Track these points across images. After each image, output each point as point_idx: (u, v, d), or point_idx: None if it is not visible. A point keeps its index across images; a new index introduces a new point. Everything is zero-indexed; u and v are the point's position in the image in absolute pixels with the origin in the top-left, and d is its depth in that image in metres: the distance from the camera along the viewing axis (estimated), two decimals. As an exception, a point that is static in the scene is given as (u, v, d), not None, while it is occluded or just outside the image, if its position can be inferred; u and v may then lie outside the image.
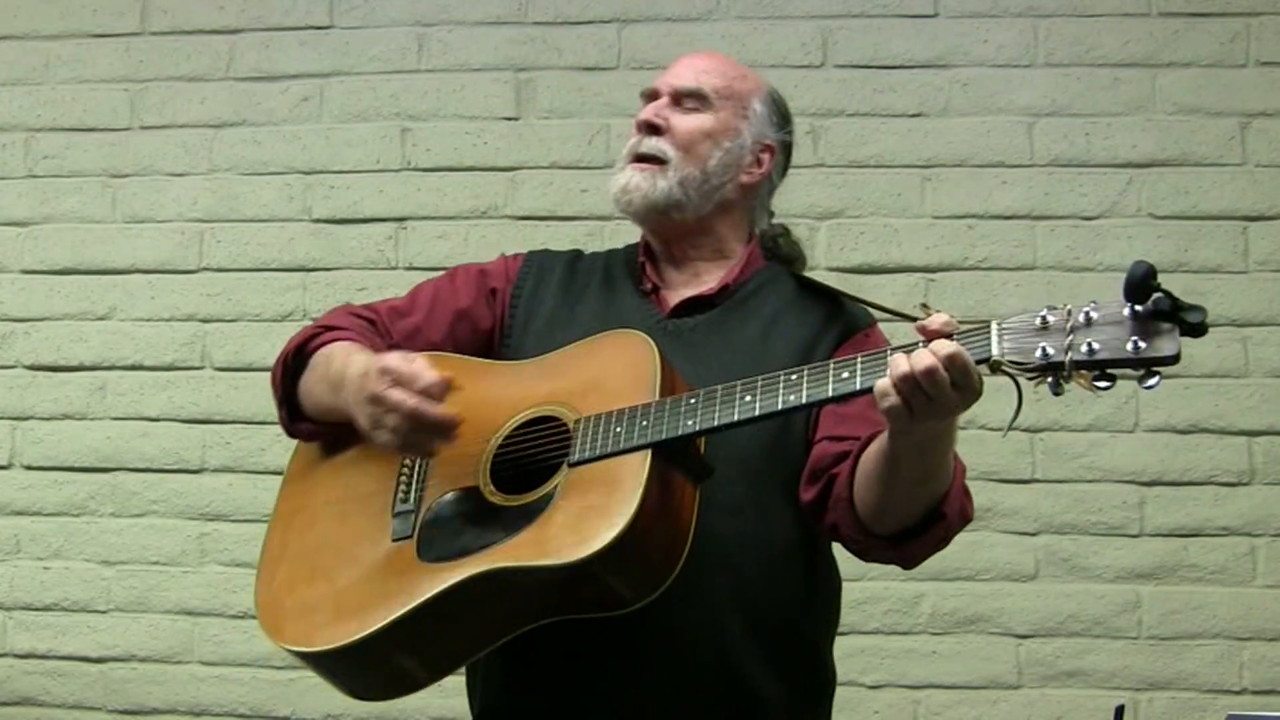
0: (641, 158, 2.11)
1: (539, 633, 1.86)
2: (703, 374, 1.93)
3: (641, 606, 1.81)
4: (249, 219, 3.65)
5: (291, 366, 2.11)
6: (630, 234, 2.25)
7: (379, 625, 1.85)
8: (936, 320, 1.69)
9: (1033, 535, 3.37)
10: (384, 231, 3.61)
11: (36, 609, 3.62)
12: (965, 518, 1.90)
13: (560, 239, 3.46)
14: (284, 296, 3.62)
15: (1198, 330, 1.58)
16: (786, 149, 2.21)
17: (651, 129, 2.12)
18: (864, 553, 1.95)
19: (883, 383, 1.68)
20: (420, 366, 1.87)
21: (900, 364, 1.66)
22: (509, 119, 3.60)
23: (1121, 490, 3.36)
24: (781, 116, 2.20)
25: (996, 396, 1.70)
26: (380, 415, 1.87)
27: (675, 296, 2.11)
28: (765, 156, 2.16)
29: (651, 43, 3.57)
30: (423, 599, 1.84)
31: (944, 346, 1.65)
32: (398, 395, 1.85)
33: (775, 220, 2.21)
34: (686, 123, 2.11)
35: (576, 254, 2.24)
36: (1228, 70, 3.42)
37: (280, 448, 3.56)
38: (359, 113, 3.65)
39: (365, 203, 3.62)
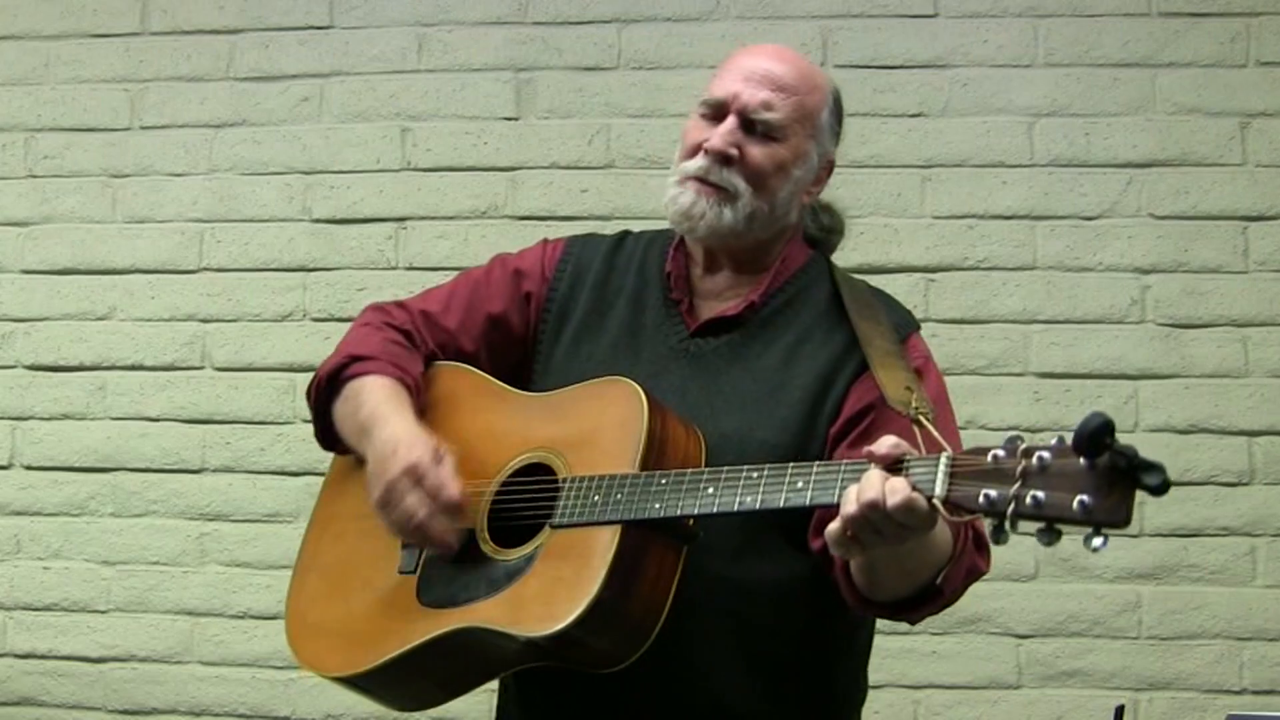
0: (707, 183, 1.99)
1: (545, 669, 1.88)
2: (717, 403, 1.92)
3: (628, 664, 1.82)
4: (249, 219, 3.65)
5: (325, 392, 2.10)
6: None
7: (379, 662, 1.92)
8: (884, 445, 1.63)
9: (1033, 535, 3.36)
10: (384, 231, 3.61)
11: (36, 609, 3.62)
12: (973, 576, 1.87)
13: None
14: (284, 296, 3.62)
15: (1157, 491, 1.46)
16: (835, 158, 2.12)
17: (724, 159, 1.98)
18: (863, 614, 1.94)
19: (834, 528, 1.64)
20: (445, 476, 1.87)
21: (848, 503, 1.62)
22: (509, 119, 3.60)
23: (1121, 490, 3.36)
24: (840, 124, 2.09)
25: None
26: (390, 506, 1.89)
27: (703, 309, 2.05)
28: (824, 174, 2.08)
29: (651, 43, 3.57)
30: (412, 645, 1.89)
31: (889, 488, 1.59)
32: (413, 503, 1.87)
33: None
34: (759, 156, 1.98)
35: (620, 239, 2.18)
36: (1228, 70, 3.42)
37: (280, 447, 3.60)
38: (359, 113, 3.65)
39: (365, 203, 3.62)
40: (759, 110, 1.98)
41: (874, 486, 1.60)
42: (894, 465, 1.62)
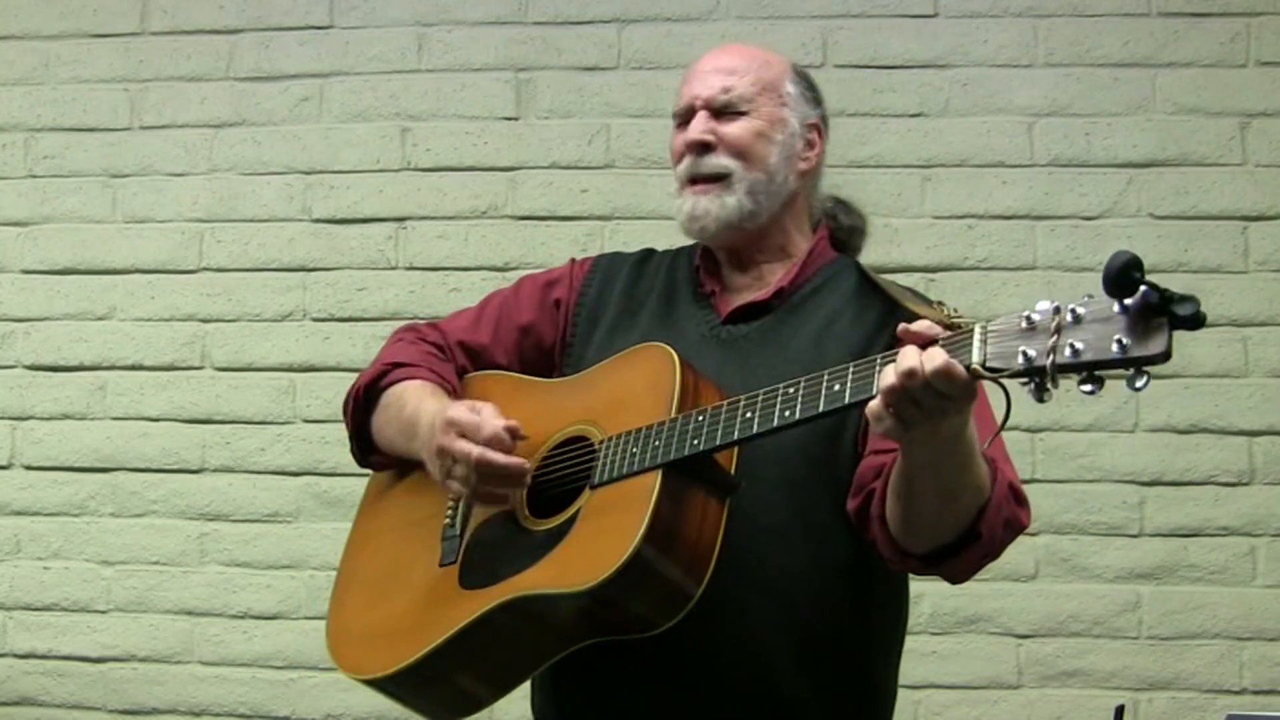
0: (699, 179, 2.03)
1: (586, 653, 1.86)
2: (753, 385, 1.89)
3: (672, 626, 1.79)
4: (249, 219, 3.65)
5: (363, 402, 2.10)
6: (634, 233, 2.25)
7: (422, 653, 1.89)
8: (920, 324, 1.63)
9: (1033, 535, 3.36)
10: (384, 231, 3.61)
11: (36, 609, 3.62)
12: (1013, 528, 1.82)
13: (560, 239, 3.47)
14: (284, 296, 3.62)
15: (1192, 322, 1.44)
16: (824, 126, 2.14)
17: (703, 148, 2.03)
18: (903, 571, 1.92)
19: (874, 405, 1.63)
20: (486, 416, 1.89)
21: (886, 376, 1.61)
22: (509, 119, 3.60)
23: (1121, 490, 3.36)
24: (813, 91, 2.13)
25: (996, 397, 1.69)
26: (450, 466, 1.91)
27: (734, 300, 2.07)
28: (814, 137, 2.10)
29: (651, 43, 3.57)
30: (458, 627, 1.87)
31: (927, 355, 1.59)
32: (463, 446, 1.88)
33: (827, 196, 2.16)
34: (735, 130, 2.03)
35: (646, 254, 2.20)
36: (1228, 70, 3.42)
37: (280, 447, 3.60)
38: (359, 113, 3.65)
39: (365, 203, 3.62)
40: (719, 95, 2.04)
41: (911, 357, 1.59)
42: (928, 344, 1.62)
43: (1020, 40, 3.48)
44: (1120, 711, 2.10)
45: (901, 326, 1.64)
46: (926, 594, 3.36)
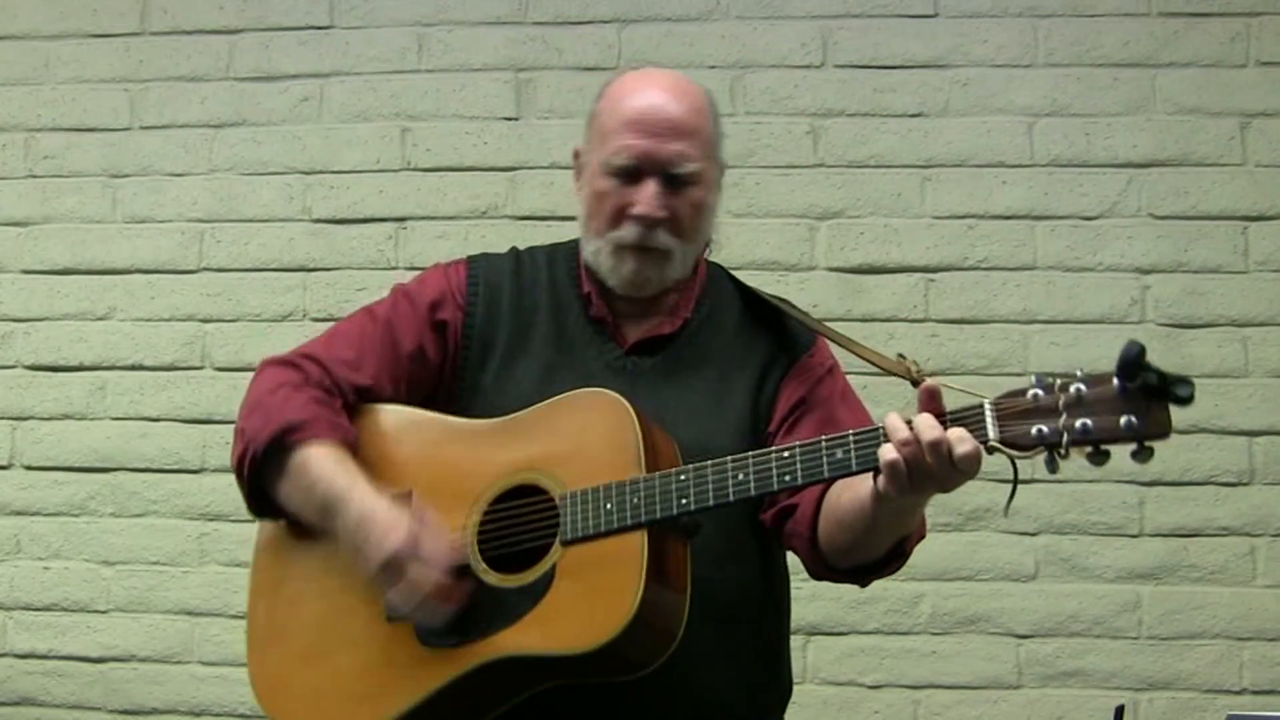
0: (644, 249, 2.00)
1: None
2: (667, 419, 1.94)
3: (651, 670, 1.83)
4: (249, 219, 3.65)
5: (258, 466, 1.98)
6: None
7: (395, 714, 1.87)
8: (930, 384, 1.73)
9: (1033, 535, 3.37)
10: (384, 231, 3.61)
11: (36, 609, 3.62)
12: (920, 539, 1.96)
13: (560, 239, 3.45)
14: (284, 296, 3.62)
15: (1187, 402, 1.61)
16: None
17: (653, 223, 1.99)
18: (818, 577, 2.00)
19: (890, 459, 1.70)
20: (442, 546, 1.86)
21: (898, 429, 1.70)
22: (509, 119, 3.60)
23: (1121, 490, 3.36)
24: (719, 121, 2.09)
25: (999, 463, 1.74)
26: (393, 578, 1.85)
27: (630, 330, 2.06)
28: (721, 180, 2.10)
29: (651, 43, 3.57)
30: (432, 690, 1.86)
31: (955, 437, 1.68)
32: (421, 575, 1.84)
33: None
34: (684, 208, 2.00)
35: (516, 257, 2.15)
36: (1228, 70, 3.42)
37: (280, 448, 3.59)
38: (359, 113, 3.65)
39: (365, 203, 3.62)
40: (677, 164, 1.98)
41: (935, 427, 1.69)
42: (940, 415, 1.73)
43: (1020, 40, 3.48)
44: (1120, 711, 2.11)
45: (919, 381, 1.76)
46: (926, 594, 3.36)
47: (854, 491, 1.84)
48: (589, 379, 1.97)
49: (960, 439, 1.67)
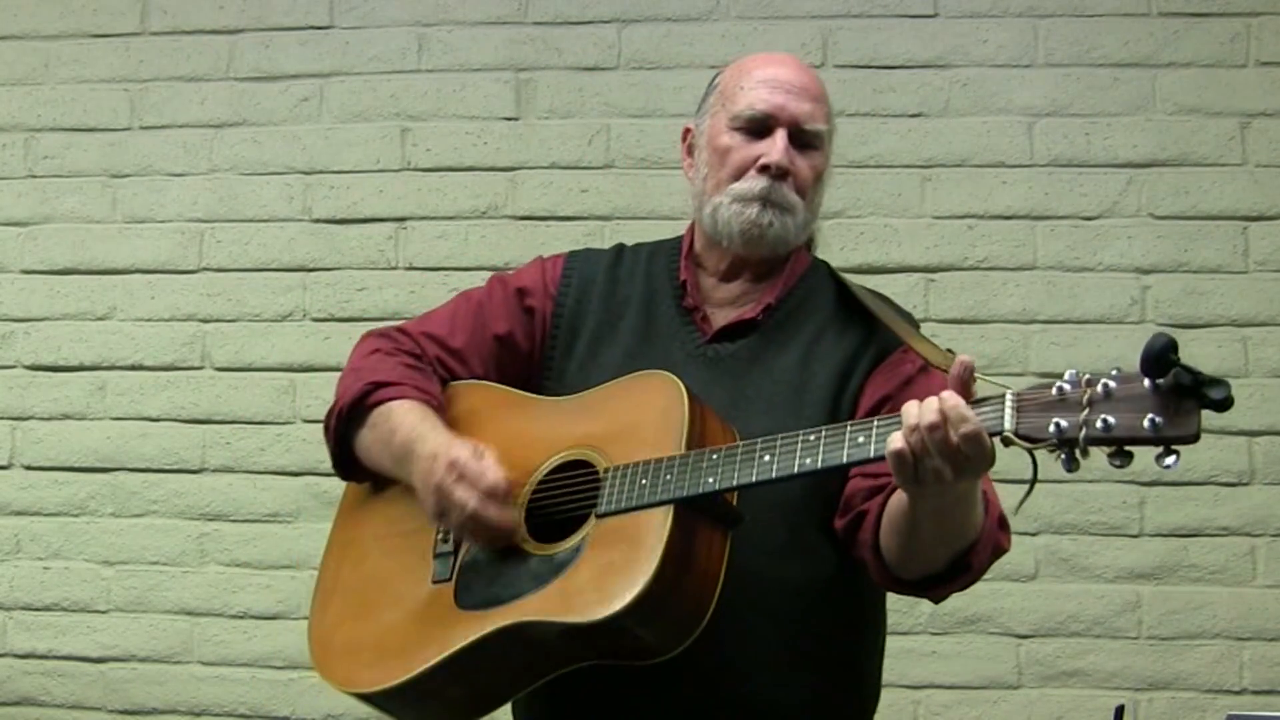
0: (771, 204, 1.99)
1: (578, 674, 1.87)
2: (742, 405, 1.92)
3: (674, 655, 1.80)
4: (249, 219, 3.65)
5: (345, 420, 2.07)
6: (634, 233, 2.24)
7: (417, 670, 1.89)
8: (956, 365, 1.66)
9: (1033, 535, 3.36)
10: (384, 231, 3.61)
11: (36, 609, 3.62)
12: (997, 554, 1.87)
13: (560, 239, 3.46)
14: (284, 296, 3.62)
15: (1221, 406, 1.52)
16: None
17: (781, 174, 1.99)
18: (887, 588, 1.95)
19: (895, 448, 1.65)
20: (488, 465, 1.89)
21: (910, 414, 1.64)
22: (509, 119, 3.60)
23: (1121, 490, 3.36)
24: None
25: (1019, 458, 1.70)
26: (444, 506, 1.90)
27: (718, 317, 2.06)
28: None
29: (651, 43, 3.57)
30: (456, 648, 1.87)
31: (959, 415, 1.62)
32: (461, 494, 1.88)
33: None
34: (806, 169, 2.01)
35: (618, 252, 2.18)
36: (1228, 70, 3.42)
37: (280, 447, 3.60)
38: (359, 113, 3.65)
39: (365, 203, 3.62)
40: (808, 121, 2.01)
41: (936, 411, 1.63)
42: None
43: (1020, 40, 3.48)
44: (1120, 711, 2.10)
45: (950, 379, 1.68)
46: (926, 594, 3.36)
47: (901, 495, 1.79)
48: (670, 366, 1.96)
49: (961, 419, 1.61)
